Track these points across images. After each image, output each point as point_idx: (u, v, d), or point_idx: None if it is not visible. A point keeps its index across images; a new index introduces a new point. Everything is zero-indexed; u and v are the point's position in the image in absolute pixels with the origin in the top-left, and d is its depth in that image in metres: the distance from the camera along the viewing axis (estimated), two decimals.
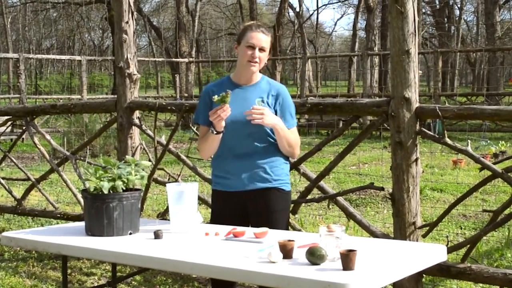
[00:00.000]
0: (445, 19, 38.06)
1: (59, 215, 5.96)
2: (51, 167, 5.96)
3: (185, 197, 3.26)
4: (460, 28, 38.92)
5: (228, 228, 3.23)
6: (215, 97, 3.27)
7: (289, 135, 3.44)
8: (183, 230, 3.24)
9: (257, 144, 3.41)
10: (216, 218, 3.50)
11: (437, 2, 37.90)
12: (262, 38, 3.43)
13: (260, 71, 3.53)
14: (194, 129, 5.50)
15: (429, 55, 27.19)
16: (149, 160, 5.24)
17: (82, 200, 4.62)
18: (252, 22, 3.57)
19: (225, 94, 3.26)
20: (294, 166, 4.41)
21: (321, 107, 4.35)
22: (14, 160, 6.42)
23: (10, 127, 15.38)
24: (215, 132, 3.38)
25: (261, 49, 3.43)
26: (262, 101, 3.44)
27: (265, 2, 51.58)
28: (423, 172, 4.06)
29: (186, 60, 23.12)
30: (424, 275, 4.15)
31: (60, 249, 3.14)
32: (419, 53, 3.98)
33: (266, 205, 3.42)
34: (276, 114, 3.45)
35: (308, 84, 28.26)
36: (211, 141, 3.43)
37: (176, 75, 23.18)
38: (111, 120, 5.53)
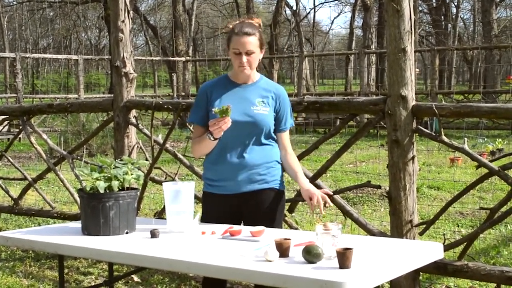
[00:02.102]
0: (442, 17, 38.06)
1: (56, 215, 5.95)
2: (48, 166, 5.95)
3: (181, 196, 3.25)
4: (457, 26, 38.97)
5: (225, 227, 3.23)
6: (216, 109, 3.21)
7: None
8: (180, 229, 3.24)
9: (253, 145, 3.37)
10: (208, 221, 3.44)
11: (433, 0, 37.92)
12: (247, 41, 3.30)
13: (257, 70, 3.50)
14: (191, 128, 5.50)
15: (426, 53, 27.21)
16: (146, 159, 5.24)
17: (79, 200, 4.62)
18: (236, 22, 3.42)
19: (226, 107, 3.18)
20: None
21: (318, 106, 4.35)
22: (11, 160, 6.41)
23: (7, 127, 15.38)
24: (212, 139, 3.31)
25: (248, 53, 3.32)
26: (263, 102, 3.39)
27: (262, 1, 51.59)
28: (420, 170, 4.06)
29: (183, 59, 23.13)
30: (421, 273, 4.16)
31: (56, 248, 3.14)
32: (416, 51, 3.99)
33: (261, 205, 3.38)
34: (277, 115, 3.42)
35: (305, 82, 28.23)
36: (205, 145, 3.37)
37: (173, 74, 23.17)
38: (108, 119, 5.52)
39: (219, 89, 3.41)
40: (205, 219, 3.50)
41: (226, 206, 3.41)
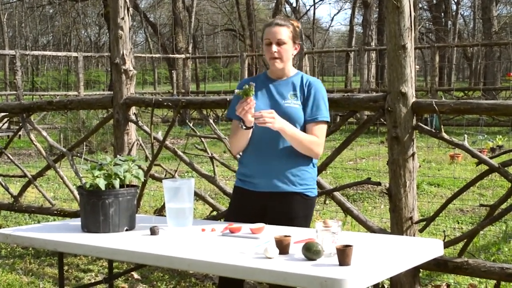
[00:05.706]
0: (442, 14, 38.06)
1: (56, 212, 5.94)
2: (47, 163, 5.95)
3: (181, 193, 3.24)
4: (457, 23, 38.94)
5: (225, 224, 3.22)
6: (238, 91, 3.16)
7: (299, 134, 3.24)
8: (180, 226, 3.24)
9: (286, 143, 3.28)
10: (234, 216, 3.40)
11: None
12: (277, 31, 3.29)
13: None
14: (220, 124, 5.49)
15: (426, 50, 27.17)
16: (146, 156, 5.24)
17: (78, 197, 4.61)
18: (273, 19, 3.45)
19: (248, 87, 3.13)
20: None
21: None
22: (11, 157, 6.41)
23: (6, 124, 15.35)
24: (244, 127, 3.26)
25: (279, 43, 3.30)
26: (295, 95, 3.32)
27: None
28: (420, 166, 4.06)
29: (183, 56, 23.09)
30: (421, 270, 4.16)
31: (56, 246, 3.13)
32: (416, 48, 3.99)
33: (287, 210, 3.30)
34: (306, 105, 3.31)
35: None
36: (240, 136, 3.32)
37: (173, 71, 23.15)
38: (107, 117, 5.52)
39: (256, 85, 3.26)
40: (230, 213, 3.47)
41: (252, 203, 3.36)
